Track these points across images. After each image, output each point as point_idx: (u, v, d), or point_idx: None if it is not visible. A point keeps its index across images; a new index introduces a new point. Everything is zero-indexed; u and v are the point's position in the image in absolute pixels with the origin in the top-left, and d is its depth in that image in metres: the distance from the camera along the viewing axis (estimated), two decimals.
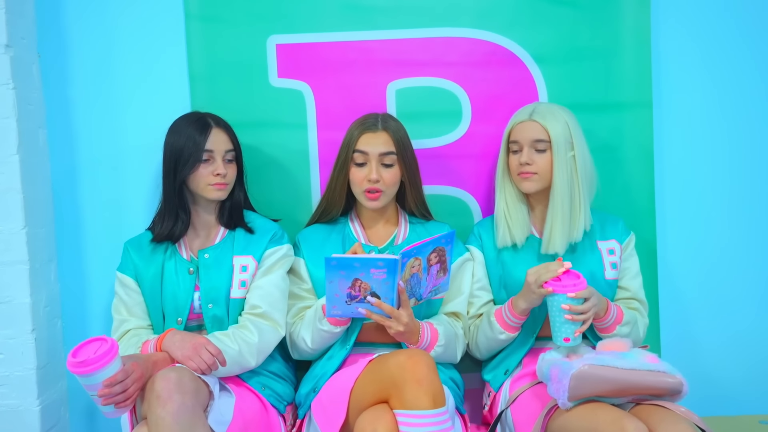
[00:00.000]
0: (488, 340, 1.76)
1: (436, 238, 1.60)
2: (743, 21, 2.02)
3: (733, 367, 2.08)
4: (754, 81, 2.03)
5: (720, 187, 2.06)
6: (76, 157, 2.04)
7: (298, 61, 1.99)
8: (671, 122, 2.04)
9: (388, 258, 1.53)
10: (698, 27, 2.02)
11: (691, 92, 2.03)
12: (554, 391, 1.51)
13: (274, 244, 1.79)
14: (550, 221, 1.74)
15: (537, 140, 1.73)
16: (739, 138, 2.05)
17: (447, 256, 1.65)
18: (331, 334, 1.70)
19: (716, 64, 2.03)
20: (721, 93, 2.04)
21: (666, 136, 2.03)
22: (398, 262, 1.54)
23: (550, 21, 1.98)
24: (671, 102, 2.03)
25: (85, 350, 1.44)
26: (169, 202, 1.76)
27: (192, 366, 1.55)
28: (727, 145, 2.05)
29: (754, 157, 2.05)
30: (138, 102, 2.02)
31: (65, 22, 2.01)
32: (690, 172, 2.05)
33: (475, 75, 1.99)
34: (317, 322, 1.69)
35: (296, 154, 2.01)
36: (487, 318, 1.76)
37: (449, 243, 1.63)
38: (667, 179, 2.05)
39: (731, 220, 2.06)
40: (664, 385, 1.47)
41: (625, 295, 1.82)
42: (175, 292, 1.74)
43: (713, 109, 2.04)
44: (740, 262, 2.07)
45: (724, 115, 2.04)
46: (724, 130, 2.05)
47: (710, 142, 2.05)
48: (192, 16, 1.98)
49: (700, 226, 2.06)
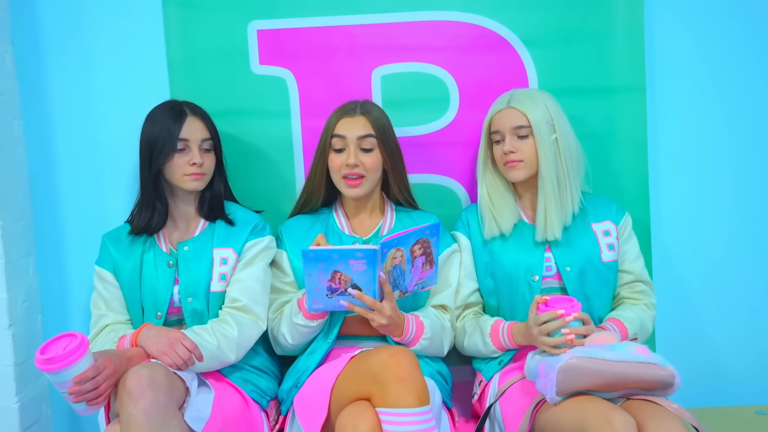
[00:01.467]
0: (478, 353, 1.75)
1: (418, 229, 1.55)
2: (737, 4, 1.97)
3: (730, 357, 2.04)
4: (748, 65, 1.98)
5: (714, 172, 2.01)
6: (54, 148, 1.99)
7: (281, 47, 1.94)
8: (664, 107, 1.99)
9: (366, 248, 1.49)
10: (692, 10, 1.97)
11: (684, 76, 1.99)
12: (542, 386, 1.46)
13: (255, 236, 1.74)
14: (543, 207, 1.70)
15: (517, 127, 1.69)
16: (733, 122, 2.00)
17: (433, 249, 1.60)
18: (308, 328, 1.65)
19: (710, 48, 1.98)
20: (714, 77, 1.99)
21: (659, 120, 1.99)
22: (377, 253, 1.49)
23: (539, 3, 1.92)
24: (664, 86, 1.98)
25: (54, 347, 1.40)
26: (146, 193, 1.71)
27: (167, 361, 1.51)
28: (721, 129, 2.00)
29: (749, 141, 2.00)
30: (116, 91, 1.98)
31: (39, 10, 1.96)
32: (684, 157, 2.01)
33: (463, 60, 1.94)
34: (293, 317, 1.66)
35: (279, 143, 1.96)
36: (480, 335, 1.71)
37: (434, 235, 1.58)
38: (660, 164, 2.00)
39: (727, 205, 2.02)
40: (655, 377, 1.42)
41: (628, 278, 1.77)
42: (154, 285, 1.70)
43: (707, 93, 1.99)
44: (737, 248, 2.03)
45: (717, 99, 1.99)
46: (718, 113, 2.00)
47: (704, 126, 2.00)
48: (170, 2, 1.93)
49: (695, 211, 2.02)
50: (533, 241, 1.74)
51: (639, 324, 1.70)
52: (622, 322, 1.68)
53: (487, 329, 1.71)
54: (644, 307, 1.75)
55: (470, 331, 1.74)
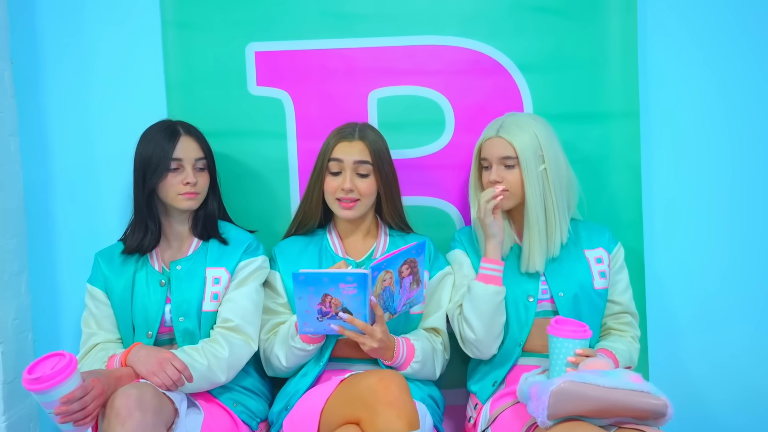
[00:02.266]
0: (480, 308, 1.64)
1: (405, 250, 1.56)
2: (730, 31, 1.99)
3: (722, 389, 2.03)
4: (741, 91, 2.00)
5: (708, 198, 2.01)
6: (50, 166, 1.99)
7: (278, 68, 1.96)
8: (658, 133, 1.99)
9: (357, 272, 1.49)
10: (685, 38, 1.99)
11: (678, 102, 2.00)
12: (534, 409, 1.45)
13: (248, 256, 1.74)
14: (527, 239, 1.70)
15: (504, 157, 1.69)
16: (726, 148, 2.01)
17: (419, 267, 1.60)
18: (304, 352, 1.65)
19: (703, 74, 1.99)
20: (708, 103, 2.00)
21: (653, 146, 1.99)
22: (368, 277, 1.49)
23: (535, 29, 1.94)
24: (658, 112, 1.99)
25: (42, 366, 1.39)
26: (139, 212, 1.71)
27: (156, 382, 1.50)
28: (715, 156, 2.01)
29: (742, 167, 2.01)
30: (113, 110, 1.98)
31: (39, 29, 1.97)
32: (677, 183, 2.01)
33: (459, 84, 1.96)
34: (290, 340, 1.65)
35: (275, 164, 1.97)
36: (468, 291, 1.67)
37: (420, 253, 1.59)
38: (654, 190, 2.00)
39: (721, 232, 2.02)
40: (648, 406, 1.41)
41: (616, 309, 1.78)
42: (145, 304, 1.69)
43: (700, 120, 2.00)
44: (731, 276, 2.02)
45: (711, 126, 2.00)
46: (711, 140, 2.01)
47: (698, 152, 2.01)
48: (169, 23, 1.94)
49: (689, 238, 2.02)
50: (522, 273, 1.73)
51: (628, 357, 1.70)
52: (614, 354, 1.67)
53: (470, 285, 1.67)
54: (631, 339, 1.76)
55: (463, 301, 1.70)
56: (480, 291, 1.65)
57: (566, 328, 1.55)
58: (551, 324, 1.57)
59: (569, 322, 1.57)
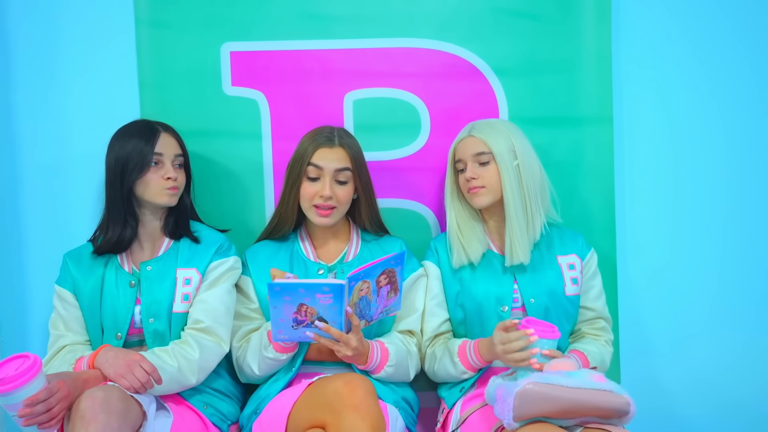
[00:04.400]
0: (449, 376, 1.72)
1: (384, 260, 1.55)
2: (702, 38, 2.01)
3: (693, 395, 2.04)
4: (714, 98, 2.02)
5: (682, 204, 2.03)
6: (19, 164, 1.96)
7: (253, 69, 1.94)
8: (631, 138, 2.01)
9: (334, 283, 1.47)
10: (659, 43, 2.01)
11: (651, 108, 2.01)
12: (500, 411, 1.46)
13: (219, 257, 1.72)
14: (509, 233, 1.71)
15: (478, 153, 1.71)
16: (700, 153, 2.03)
17: (398, 277, 1.59)
18: (277, 362, 1.64)
19: (677, 80, 2.01)
20: (681, 108, 2.02)
21: (626, 151, 2.01)
22: (344, 288, 1.48)
23: (510, 34, 1.95)
24: (632, 118, 2.01)
25: (6, 368, 1.36)
26: (116, 210, 1.68)
27: (124, 384, 1.48)
28: (689, 161, 2.03)
29: (716, 173, 2.03)
30: (85, 109, 1.96)
31: (9, 25, 1.94)
32: (650, 189, 2.03)
33: (435, 87, 1.96)
34: (263, 350, 1.64)
35: (250, 165, 1.95)
36: (449, 357, 1.70)
37: (399, 264, 1.58)
38: (627, 196, 2.02)
39: (694, 238, 2.04)
40: (611, 405, 1.42)
41: (590, 315, 1.79)
42: (114, 305, 1.67)
43: (673, 125, 2.02)
44: (703, 282, 2.04)
45: (685, 131, 2.02)
46: (685, 145, 2.02)
47: (671, 158, 2.03)
48: (142, 21, 1.92)
49: (662, 243, 2.03)
50: (501, 271, 1.74)
51: (600, 359, 1.72)
52: (585, 355, 1.69)
53: (454, 349, 1.70)
54: (604, 343, 1.78)
55: (440, 355, 1.73)
56: (466, 376, 1.69)
57: (538, 328, 1.55)
58: (521, 323, 1.57)
59: (539, 323, 1.57)
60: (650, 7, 2.00)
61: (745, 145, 2.03)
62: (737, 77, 2.01)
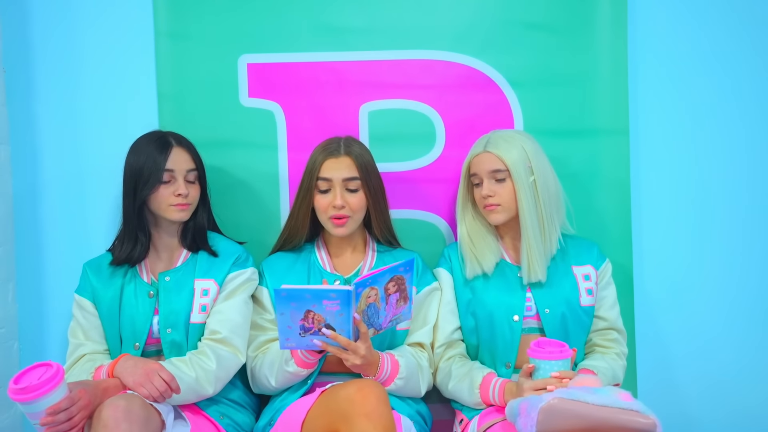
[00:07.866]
0: (461, 399, 1.71)
1: (392, 267, 1.54)
2: (720, 49, 2.01)
3: (712, 408, 2.03)
4: (731, 109, 2.02)
5: (697, 215, 2.03)
6: (39, 174, 1.99)
7: (270, 80, 1.96)
8: (647, 149, 2.01)
9: (340, 289, 1.47)
10: (675, 54, 2.01)
11: (667, 119, 2.01)
12: (522, 425, 1.45)
13: (237, 268, 1.73)
14: (526, 250, 1.71)
15: (494, 170, 1.71)
16: (716, 164, 2.02)
17: (407, 284, 1.59)
18: (297, 376, 1.64)
19: (693, 92, 2.01)
20: (697, 120, 2.02)
21: (642, 163, 2.01)
22: (351, 294, 1.47)
23: (526, 45, 1.95)
24: (648, 129, 2.01)
25: (29, 376, 1.38)
26: (129, 223, 1.71)
27: (143, 393, 1.49)
28: (704, 172, 2.02)
29: (732, 184, 2.03)
30: (104, 120, 1.98)
31: (32, 37, 1.97)
32: (666, 200, 2.02)
33: (450, 98, 1.97)
34: (283, 364, 1.64)
35: (266, 176, 1.97)
36: (470, 385, 1.67)
37: (408, 271, 1.57)
38: (643, 207, 2.01)
39: (710, 248, 2.03)
40: (636, 425, 1.40)
41: (602, 325, 1.78)
42: (133, 315, 1.69)
43: (689, 136, 2.02)
44: (720, 293, 2.03)
45: (700, 142, 2.02)
46: (700, 156, 2.02)
47: (686, 169, 2.02)
48: (161, 34, 1.95)
49: (678, 254, 2.03)
50: (515, 281, 1.74)
51: (611, 375, 1.70)
52: (595, 373, 1.66)
53: (478, 380, 1.67)
54: (615, 356, 1.75)
55: (458, 375, 1.71)
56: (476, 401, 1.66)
57: (546, 350, 1.55)
58: (531, 347, 1.57)
59: (549, 343, 1.57)
60: (666, 19, 2.00)
61: (762, 157, 2.02)
62: (755, 88, 2.01)
